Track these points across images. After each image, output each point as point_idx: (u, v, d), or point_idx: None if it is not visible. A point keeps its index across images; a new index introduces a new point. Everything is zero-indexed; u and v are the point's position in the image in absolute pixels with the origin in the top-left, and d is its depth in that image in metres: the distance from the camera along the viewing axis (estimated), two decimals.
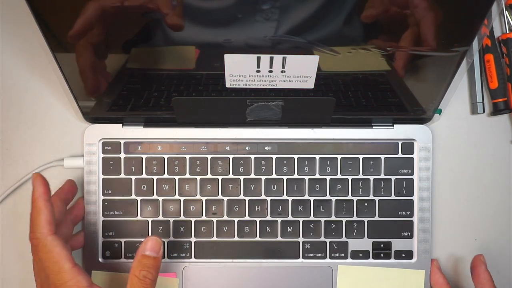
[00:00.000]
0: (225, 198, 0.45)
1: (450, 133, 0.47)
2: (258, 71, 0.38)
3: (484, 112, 0.47)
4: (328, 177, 0.45)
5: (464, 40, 0.35)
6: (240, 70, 0.38)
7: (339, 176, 0.45)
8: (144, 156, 0.45)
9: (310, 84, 0.39)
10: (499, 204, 0.48)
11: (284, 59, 0.37)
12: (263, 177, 0.45)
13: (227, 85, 0.39)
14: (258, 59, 0.37)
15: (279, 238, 0.45)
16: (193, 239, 0.45)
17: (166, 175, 0.45)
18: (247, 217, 0.45)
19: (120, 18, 0.33)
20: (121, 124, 0.45)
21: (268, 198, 0.45)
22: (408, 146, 0.45)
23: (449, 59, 0.37)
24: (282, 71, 0.38)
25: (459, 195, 0.47)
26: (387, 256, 0.45)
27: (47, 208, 0.37)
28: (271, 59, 0.37)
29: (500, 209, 0.48)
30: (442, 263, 0.47)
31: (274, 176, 0.45)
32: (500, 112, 0.47)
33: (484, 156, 0.48)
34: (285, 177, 0.45)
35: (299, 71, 0.38)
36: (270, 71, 0.38)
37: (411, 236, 0.45)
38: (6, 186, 0.46)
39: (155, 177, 0.45)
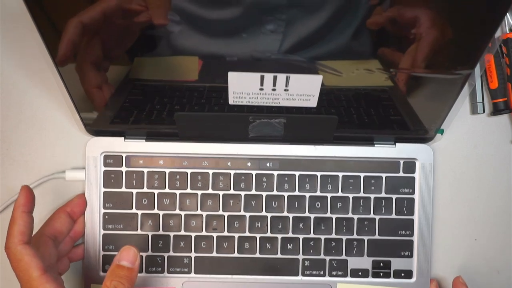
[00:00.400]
0: (226, 214, 0.45)
1: (450, 135, 0.47)
2: (261, 89, 0.38)
3: (484, 112, 0.47)
4: (329, 195, 0.45)
5: (467, 63, 0.35)
6: (244, 88, 0.38)
7: (340, 194, 0.45)
8: (145, 170, 0.45)
9: (313, 102, 0.40)
10: (499, 204, 0.48)
11: (287, 78, 0.37)
12: (264, 194, 0.45)
13: (230, 102, 0.40)
14: (262, 77, 0.37)
15: (279, 255, 0.45)
16: (193, 254, 0.45)
17: (167, 190, 0.45)
18: (247, 233, 0.45)
19: (113, 30, 0.33)
20: (123, 138, 0.45)
21: (269, 215, 0.45)
22: (410, 165, 0.45)
23: (451, 82, 0.38)
24: (285, 90, 0.38)
25: (459, 195, 0.47)
26: (387, 275, 0.45)
27: (22, 219, 0.37)
28: (275, 77, 0.37)
29: (500, 209, 0.48)
30: (441, 281, 0.47)
31: (275, 192, 0.45)
32: (500, 112, 0.47)
33: (484, 156, 0.48)
34: (286, 194, 0.45)
35: (302, 90, 0.38)
36: (273, 89, 0.38)
37: (411, 256, 0.45)
38: (6, 186, 0.46)
39: (156, 191, 0.45)
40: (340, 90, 0.39)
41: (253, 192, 0.45)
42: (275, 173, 0.45)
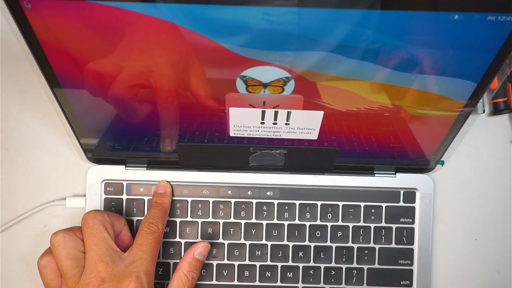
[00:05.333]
0: (226, 242, 0.45)
1: None
2: (262, 123, 0.38)
3: (484, 112, 0.47)
4: (329, 224, 0.45)
5: (470, 102, 0.35)
6: (245, 121, 0.38)
7: (340, 223, 0.45)
8: (146, 198, 0.45)
9: (314, 135, 0.40)
10: (499, 204, 0.48)
11: (288, 113, 0.37)
12: (264, 222, 0.45)
13: (231, 134, 0.40)
14: (263, 112, 0.37)
15: (279, 283, 0.45)
16: None
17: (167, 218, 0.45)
18: (247, 261, 0.45)
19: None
20: (124, 166, 0.45)
21: (269, 243, 0.45)
22: (410, 195, 0.45)
23: (453, 118, 0.38)
24: (286, 124, 0.38)
25: (459, 195, 0.48)
26: None
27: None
28: (276, 113, 0.37)
29: (500, 209, 0.48)
30: None
31: (275, 221, 0.45)
32: (500, 112, 0.47)
33: (484, 156, 0.48)
34: (286, 223, 0.45)
35: (304, 124, 0.38)
36: (275, 123, 0.38)
37: (410, 285, 0.45)
38: (5, 187, 0.46)
39: None
40: (341, 124, 0.39)
41: (253, 220, 0.45)
42: (276, 202, 0.45)
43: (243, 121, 0.38)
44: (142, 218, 0.45)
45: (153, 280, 0.38)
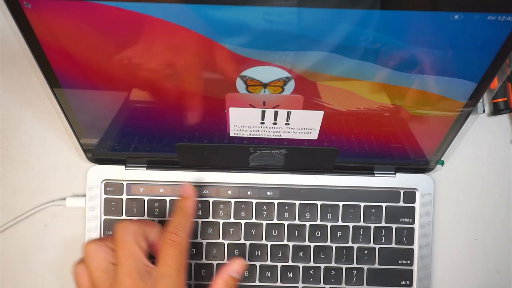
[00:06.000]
0: (226, 242, 0.45)
1: None
2: (262, 123, 0.38)
3: (484, 112, 0.46)
4: (329, 224, 0.45)
5: (470, 102, 0.35)
6: (245, 121, 0.38)
7: (340, 223, 0.45)
8: (146, 198, 0.45)
9: (314, 135, 0.40)
10: (499, 204, 0.48)
11: (288, 114, 0.37)
12: (264, 222, 0.45)
13: (231, 134, 0.40)
14: (263, 112, 0.37)
15: (279, 283, 0.45)
16: (192, 282, 0.45)
17: (167, 218, 0.45)
18: (247, 261, 0.45)
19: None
20: (124, 166, 0.45)
21: (269, 243, 0.45)
22: (410, 195, 0.45)
23: (453, 118, 0.38)
24: (286, 124, 0.38)
25: (459, 195, 0.48)
26: None
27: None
28: (276, 113, 0.37)
29: (500, 209, 0.48)
30: None
31: (275, 221, 0.45)
32: (500, 112, 0.47)
33: (484, 156, 0.48)
34: (286, 223, 0.45)
35: (304, 124, 0.38)
36: (275, 123, 0.38)
37: (410, 285, 0.45)
38: (5, 186, 0.46)
39: (156, 219, 0.45)
40: (341, 124, 0.39)
41: (253, 220, 0.45)
42: (276, 202, 0.45)
43: (243, 121, 0.38)
44: (142, 218, 0.45)
45: None
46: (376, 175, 0.45)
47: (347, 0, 0.27)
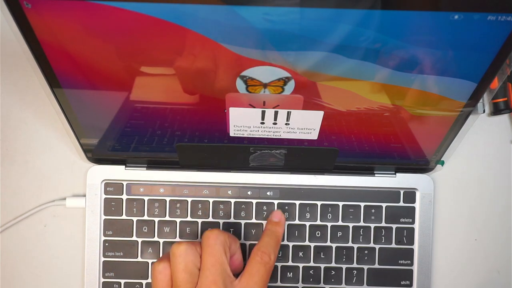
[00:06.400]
0: None
1: None
2: (262, 123, 0.38)
3: (484, 112, 0.46)
4: (329, 224, 0.45)
5: (470, 102, 0.35)
6: (245, 121, 0.38)
7: (340, 223, 0.45)
8: (146, 198, 0.45)
9: (314, 135, 0.40)
10: (499, 204, 0.48)
11: (288, 114, 0.37)
12: (265, 222, 0.45)
13: (231, 134, 0.40)
14: (263, 112, 0.37)
15: (279, 283, 0.45)
16: None
17: (167, 218, 0.45)
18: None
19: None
20: (124, 166, 0.45)
21: None
22: (410, 195, 0.45)
23: (453, 118, 0.38)
24: (286, 124, 0.38)
25: (459, 195, 0.48)
26: None
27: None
28: (276, 113, 0.37)
29: (500, 209, 0.48)
30: None
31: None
32: (500, 112, 0.47)
33: (484, 156, 0.48)
34: (286, 223, 0.45)
35: (304, 124, 0.38)
36: (275, 123, 0.38)
37: (410, 285, 0.45)
38: (5, 186, 0.46)
39: (156, 219, 0.45)
40: (341, 124, 0.39)
41: (254, 220, 0.45)
42: (276, 202, 0.45)
43: (243, 121, 0.38)
44: (141, 218, 0.45)
45: None
46: (376, 175, 0.45)
47: (348, 0, 0.27)
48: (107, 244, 0.45)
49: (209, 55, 0.31)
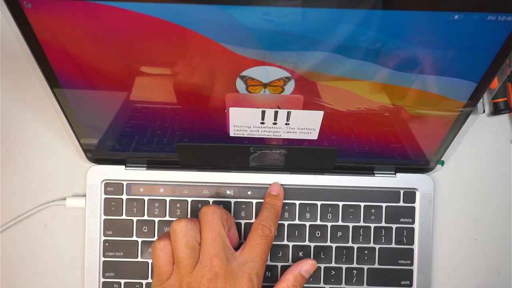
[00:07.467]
0: None
1: None
2: (262, 123, 0.38)
3: (484, 112, 0.46)
4: (329, 224, 0.45)
5: (470, 102, 0.35)
6: (245, 121, 0.38)
7: (340, 223, 0.45)
8: (146, 198, 0.45)
9: (314, 135, 0.40)
10: (499, 204, 0.48)
11: (288, 113, 0.37)
12: None
13: (231, 134, 0.40)
14: (263, 112, 0.37)
15: None
16: None
17: (167, 218, 0.45)
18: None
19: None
20: (124, 166, 0.45)
21: None
22: (410, 195, 0.45)
23: (453, 118, 0.38)
24: (286, 124, 0.38)
25: (459, 195, 0.48)
26: None
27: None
28: (276, 113, 0.37)
29: (500, 209, 0.48)
30: None
31: None
32: (500, 112, 0.47)
33: (484, 156, 0.48)
34: (286, 223, 0.45)
35: (304, 124, 0.38)
36: (275, 123, 0.38)
37: (410, 285, 0.45)
38: (5, 186, 0.46)
39: (156, 219, 0.45)
40: (341, 124, 0.39)
41: (253, 220, 0.45)
42: None
43: (243, 121, 0.38)
44: (141, 218, 0.45)
45: (261, 283, 0.38)
46: (376, 175, 0.45)
47: (348, 0, 0.27)
48: (107, 244, 0.45)
49: (209, 55, 0.31)
